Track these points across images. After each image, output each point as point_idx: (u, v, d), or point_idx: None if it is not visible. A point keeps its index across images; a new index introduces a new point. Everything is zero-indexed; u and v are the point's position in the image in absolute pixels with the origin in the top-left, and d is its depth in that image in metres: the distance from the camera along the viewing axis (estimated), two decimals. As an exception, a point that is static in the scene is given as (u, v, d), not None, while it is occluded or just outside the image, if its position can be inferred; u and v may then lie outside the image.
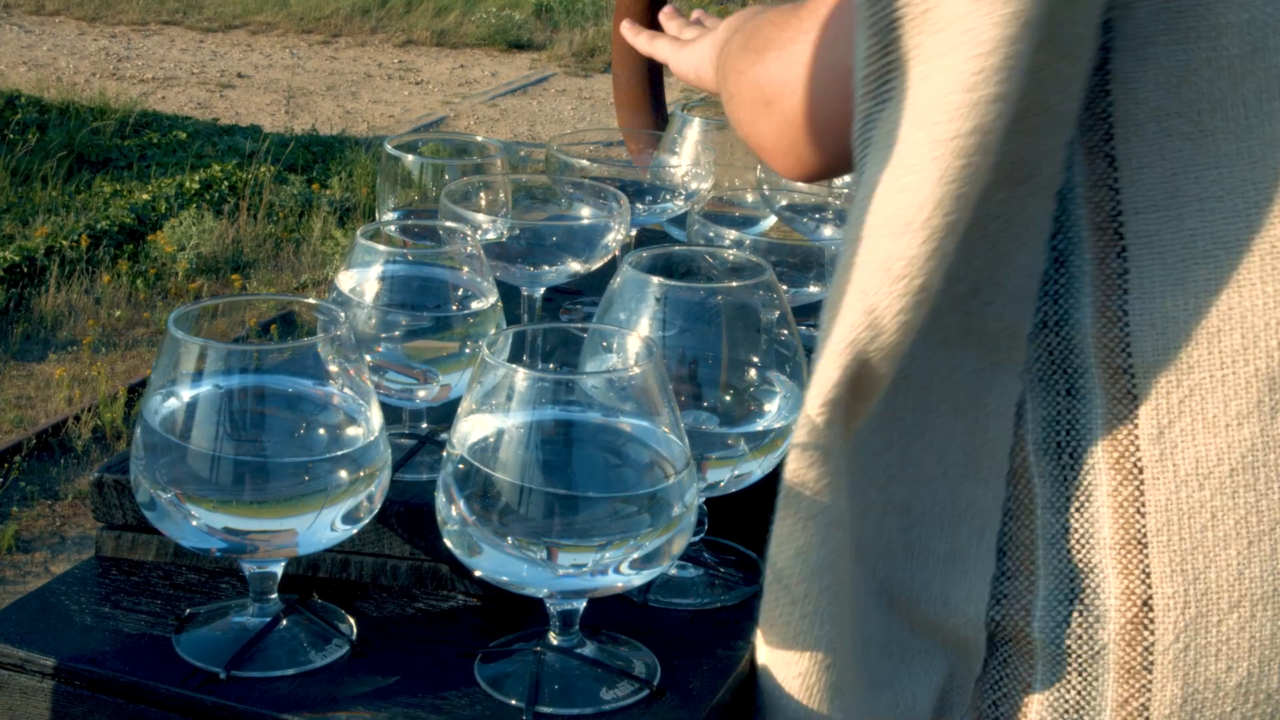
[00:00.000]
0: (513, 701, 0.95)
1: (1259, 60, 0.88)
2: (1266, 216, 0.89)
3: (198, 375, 0.93)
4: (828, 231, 1.47)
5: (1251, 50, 0.88)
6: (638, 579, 0.94)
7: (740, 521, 1.15)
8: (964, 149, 0.83)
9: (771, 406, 1.06)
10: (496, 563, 0.92)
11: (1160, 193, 0.91)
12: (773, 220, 1.52)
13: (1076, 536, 0.93)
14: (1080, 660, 0.95)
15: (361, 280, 1.11)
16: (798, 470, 0.91)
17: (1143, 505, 0.92)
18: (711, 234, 1.42)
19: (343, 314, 0.99)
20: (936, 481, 0.96)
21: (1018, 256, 0.91)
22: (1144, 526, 0.91)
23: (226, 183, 7.16)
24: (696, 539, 1.14)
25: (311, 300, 1.03)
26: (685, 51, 1.42)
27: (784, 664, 0.95)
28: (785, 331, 1.07)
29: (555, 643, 0.98)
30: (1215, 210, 0.90)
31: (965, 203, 0.84)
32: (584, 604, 0.97)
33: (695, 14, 1.60)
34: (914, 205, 0.84)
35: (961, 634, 0.97)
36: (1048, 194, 0.90)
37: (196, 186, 7.07)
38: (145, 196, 6.92)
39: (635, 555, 0.92)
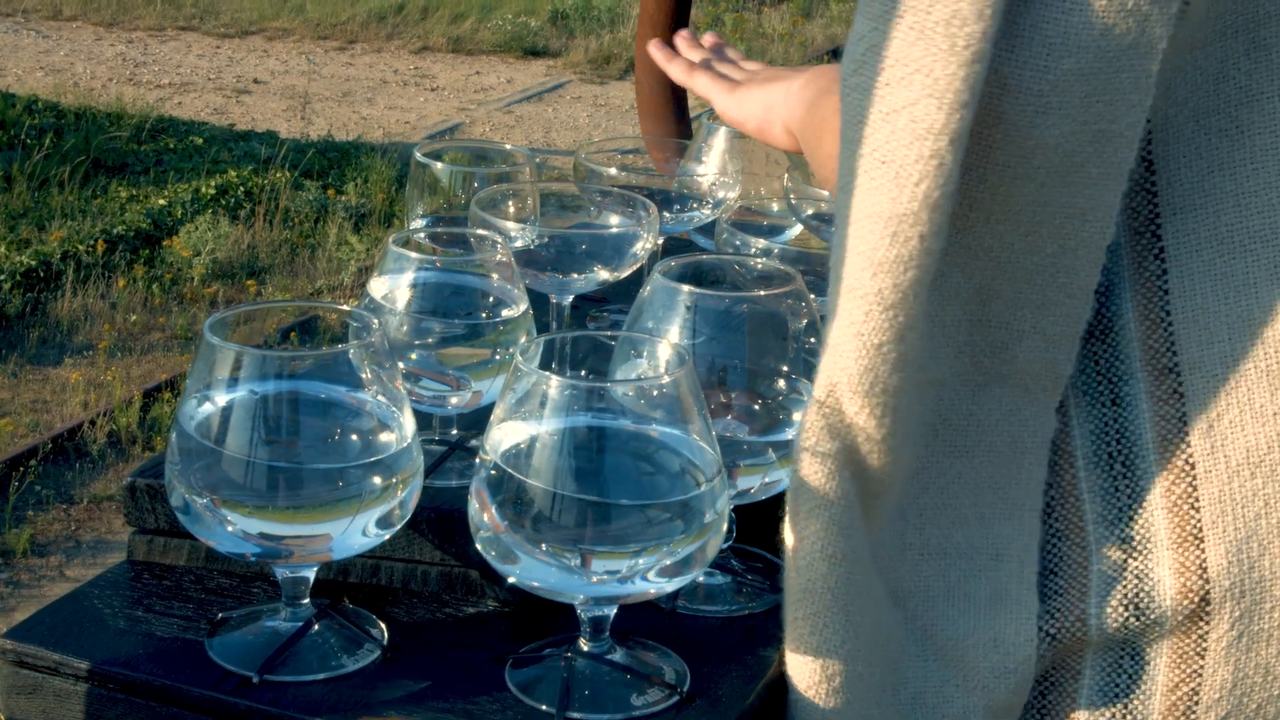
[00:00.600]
0: (543, 707, 0.95)
1: None
2: None
3: (233, 381, 0.94)
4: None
5: None
6: (670, 585, 0.94)
7: (768, 529, 1.15)
8: (886, 158, 0.84)
9: (800, 415, 1.07)
10: (529, 569, 0.92)
11: (1197, 192, 0.92)
12: (799, 229, 1.52)
13: (1132, 544, 0.94)
14: (1134, 651, 0.96)
15: (394, 287, 1.12)
16: (802, 472, 0.93)
17: (1196, 500, 0.93)
18: (739, 242, 1.42)
19: (376, 321, 0.99)
20: (971, 524, 0.97)
21: (1063, 305, 0.92)
22: (1199, 521, 0.92)
23: (242, 188, 7.17)
24: (725, 546, 1.14)
25: (344, 306, 1.03)
26: (741, 97, 1.34)
27: (798, 662, 0.96)
28: (813, 339, 1.07)
29: (585, 649, 0.98)
30: (1251, 205, 0.91)
31: (900, 211, 0.85)
32: (614, 610, 0.97)
33: (707, 39, 1.56)
34: (846, 221, 0.87)
35: (1009, 682, 0.97)
36: (1099, 246, 0.91)
37: (212, 192, 7.08)
38: (161, 202, 6.93)
39: (668, 562, 0.92)
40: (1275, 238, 0.91)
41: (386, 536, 0.98)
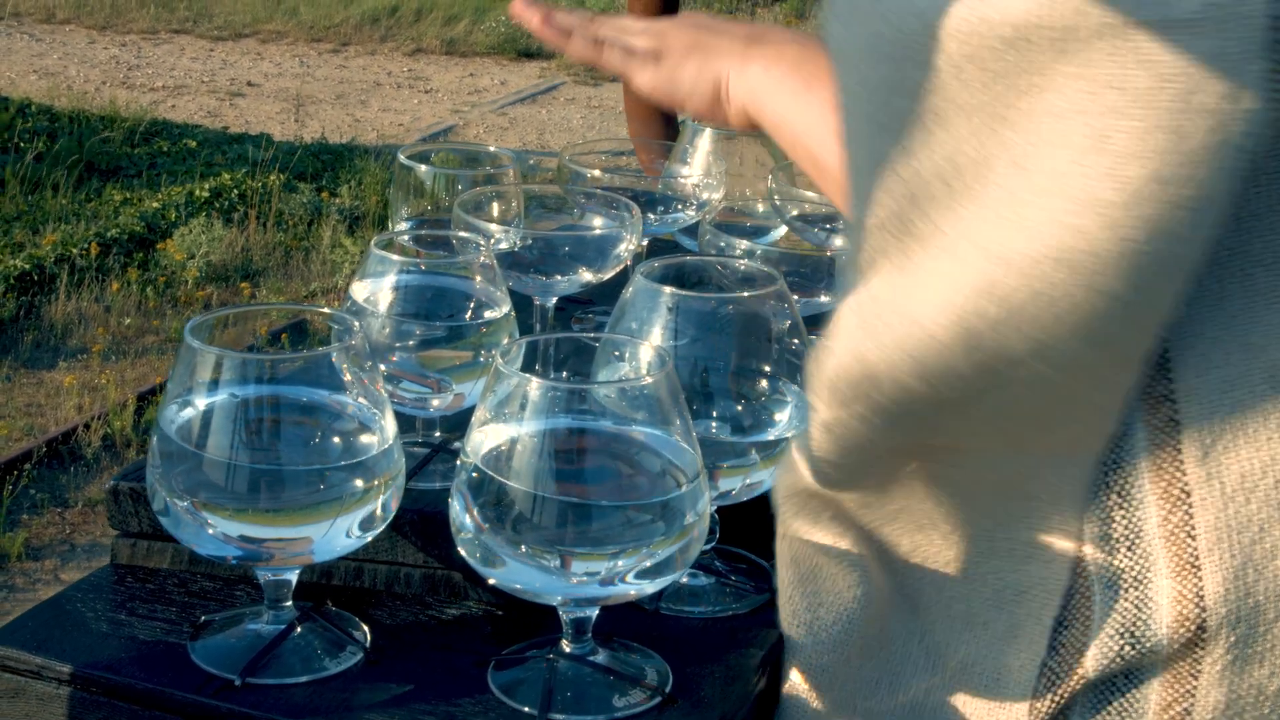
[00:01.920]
0: (526, 709, 0.95)
1: None
2: None
3: (213, 384, 0.94)
4: (839, 241, 1.47)
5: None
6: (650, 587, 0.94)
7: (752, 530, 1.15)
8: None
9: (782, 416, 1.07)
10: (510, 571, 0.92)
11: None
12: (783, 230, 1.52)
13: (1130, 575, 0.93)
14: (1127, 671, 0.95)
15: (376, 290, 1.12)
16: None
17: (1193, 529, 0.91)
18: (723, 244, 1.43)
19: (357, 323, 0.99)
20: (1002, 556, 0.97)
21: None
22: (1195, 550, 0.91)
23: (236, 191, 7.17)
24: (708, 547, 1.15)
25: (326, 309, 1.03)
26: (674, 73, 1.28)
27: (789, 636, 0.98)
28: (796, 341, 1.07)
29: (568, 650, 0.98)
30: (1251, 229, 0.90)
31: None
32: (596, 612, 0.98)
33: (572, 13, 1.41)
34: None
35: (1002, 717, 0.97)
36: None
37: (206, 195, 7.08)
38: (155, 205, 6.93)
39: (648, 563, 0.92)
40: (1275, 262, 0.90)
41: (368, 539, 0.98)
